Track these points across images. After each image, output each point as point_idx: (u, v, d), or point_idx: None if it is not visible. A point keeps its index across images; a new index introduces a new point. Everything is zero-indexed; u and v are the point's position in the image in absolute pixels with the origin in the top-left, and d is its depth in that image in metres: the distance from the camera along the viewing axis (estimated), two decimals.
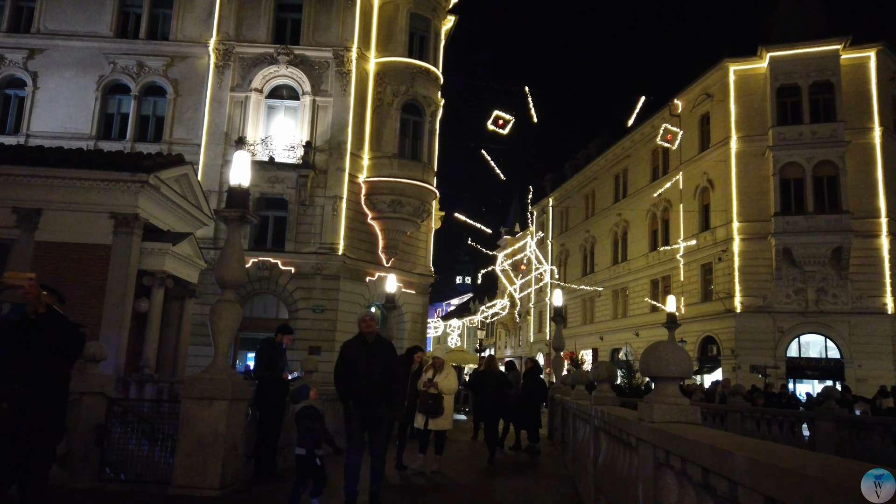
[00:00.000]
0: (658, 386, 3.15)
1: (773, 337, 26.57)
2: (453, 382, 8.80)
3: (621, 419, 3.73)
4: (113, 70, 23.71)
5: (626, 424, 3.57)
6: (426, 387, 8.57)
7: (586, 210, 43.31)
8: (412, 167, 24.16)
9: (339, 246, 22.89)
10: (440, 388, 8.53)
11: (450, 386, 8.67)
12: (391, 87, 24.23)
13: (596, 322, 40.55)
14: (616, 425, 4.00)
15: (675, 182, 31.92)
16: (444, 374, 8.71)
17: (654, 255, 34.09)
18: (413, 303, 25.69)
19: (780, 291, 26.64)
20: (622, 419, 3.70)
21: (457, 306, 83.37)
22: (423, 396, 8.58)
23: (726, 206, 28.17)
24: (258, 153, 22.72)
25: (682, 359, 3.07)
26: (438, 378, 8.62)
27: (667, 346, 3.09)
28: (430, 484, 8.24)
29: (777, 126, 27.14)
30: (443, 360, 9.00)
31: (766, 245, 26.80)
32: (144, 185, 12.53)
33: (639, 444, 3.31)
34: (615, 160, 39.23)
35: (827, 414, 10.67)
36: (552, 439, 13.99)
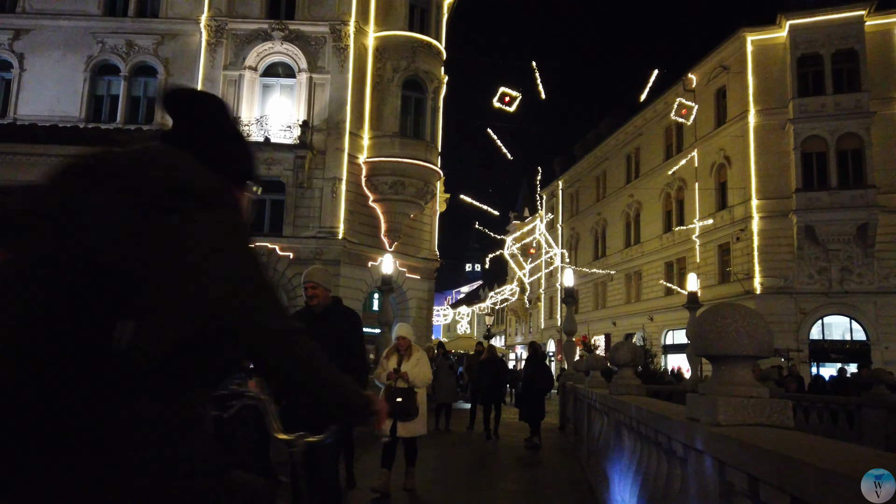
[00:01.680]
0: (721, 370, 2.14)
1: (794, 319, 25.40)
2: (426, 371, 6.53)
3: (661, 418, 2.72)
4: (101, 50, 22.74)
5: (671, 427, 2.55)
6: (391, 378, 6.36)
7: (597, 192, 42.08)
8: (414, 146, 23.09)
9: (338, 230, 21.91)
10: (411, 380, 6.34)
11: (422, 376, 6.45)
12: (391, 62, 23.12)
13: (608, 307, 39.44)
14: (651, 424, 3.01)
15: (689, 160, 30.66)
16: (414, 361, 6.43)
17: (668, 237, 32.89)
18: (418, 288, 24.70)
19: (802, 271, 25.43)
20: (662, 418, 2.69)
21: (466, 294, 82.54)
22: (388, 393, 6.29)
23: (744, 184, 26.93)
24: (253, 134, 21.74)
25: (757, 329, 2.05)
26: (406, 366, 6.37)
27: (735, 312, 2.07)
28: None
29: (798, 98, 25.81)
30: (409, 341, 6.57)
31: (787, 223, 25.57)
32: None
33: (690, 455, 2.30)
34: (627, 139, 37.95)
35: (876, 400, 9.53)
36: (564, 430, 13.01)
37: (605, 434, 5.49)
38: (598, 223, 41.32)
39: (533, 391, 11.03)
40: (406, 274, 24.05)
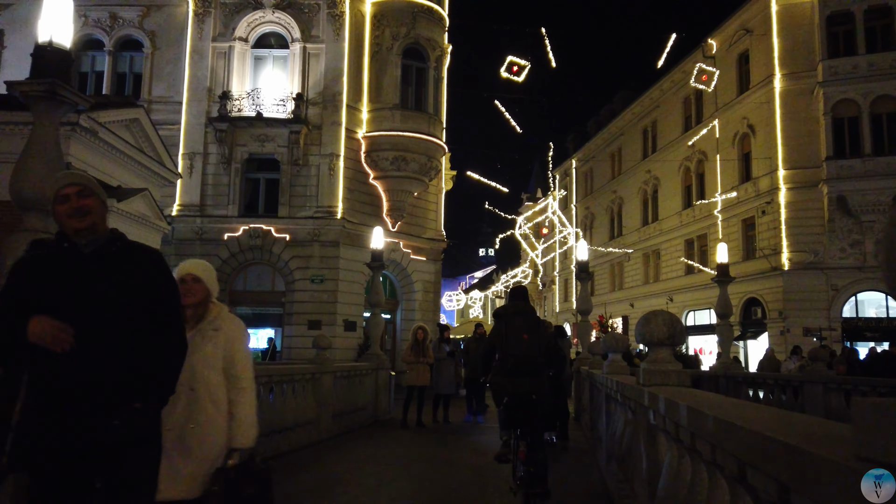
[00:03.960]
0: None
1: (826, 296, 23.79)
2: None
3: (783, 450, 1.34)
4: (84, 24, 21.46)
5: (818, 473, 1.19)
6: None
7: (612, 169, 40.43)
8: (416, 119, 21.68)
9: (337, 209, 20.63)
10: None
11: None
12: (390, 29, 21.67)
13: (626, 288, 37.93)
14: (718, 440, 1.69)
15: (710, 130, 28.94)
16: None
17: (688, 213, 31.27)
18: (424, 270, 23.39)
19: (834, 245, 23.76)
20: (790, 451, 1.30)
21: (480, 279, 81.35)
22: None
23: (770, 153, 25.24)
24: (245, 109, 20.47)
25: None
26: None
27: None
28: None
29: (827, 59, 24.03)
30: (205, 286, 3.21)
31: (817, 194, 23.91)
32: (75, 127, 10.30)
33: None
34: (643, 113, 36.22)
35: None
36: (579, 421, 11.67)
37: (629, 437, 4.16)
38: (614, 201, 39.72)
39: (555, 383, 9.37)
40: (411, 255, 22.75)
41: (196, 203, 20.39)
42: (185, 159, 20.48)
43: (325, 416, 9.36)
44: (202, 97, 20.79)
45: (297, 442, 8.31)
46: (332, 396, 9.72)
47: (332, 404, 9.71)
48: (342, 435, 9.89)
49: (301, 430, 8.50)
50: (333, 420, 9.77)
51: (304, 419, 8.62)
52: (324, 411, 9.31)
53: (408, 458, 8.38)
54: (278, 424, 7.72)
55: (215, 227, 20.26)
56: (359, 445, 9.25)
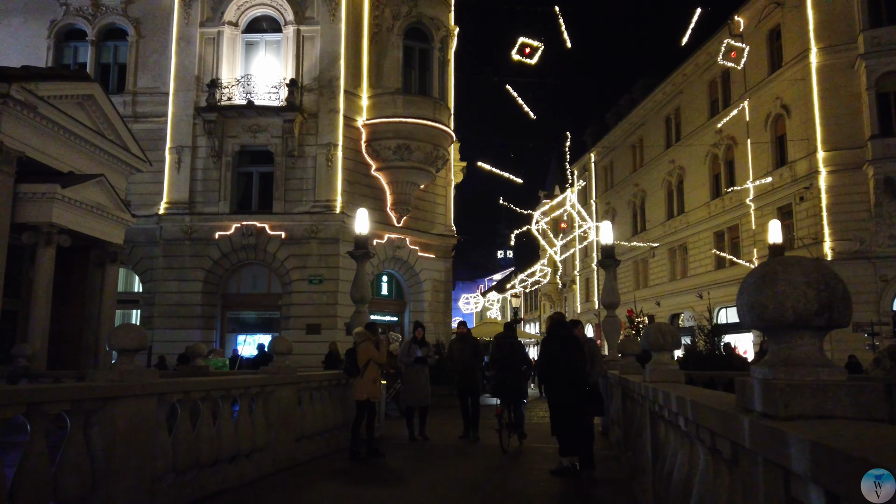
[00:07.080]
0: None
1: (874, 288, 21.68)
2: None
3: None
4: (66, 13, 20.24)
5: None
6: None
7: (633, 161, 38.46)
8: (421, 104, 20.05)
9: (336, 203, 19.05)
10: None
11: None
12: (390, 7, 20.09)
13: (651, 286, 35.88)
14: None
15: (739, 113, 26.94)
16: None
17: (717, 204, 29.24)
18: (433, 268, 21.70)
19: (882, 232, 21.67)
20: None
21: (499, 281, 79.65)
22: None
23: (808, 134, 23.21)
24: (235, 97, 19.00)
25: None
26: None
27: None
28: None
29: (869, 29, 21.99)
30: None
31: (862, 176, 21.86)
32: (6, 99, 8.77)
33: None
34: (665, 100, 34.25)
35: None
36: (607, 436, 9.88)
37: (705, 487, 2.44)
38: (636, 195, 37.75)
39: (574, 390, 7.29)
40: (418, 253, 21.10)
41: (185, 200, 18.94)
42: (172, 153, 19.06)
43: (283, 441, 7.48)
44: (190, 86, 19.37)
45: (238, 478, 6.50)
46: (293, 415, 7.85)
47: (295, 425, 7.85)
48: (308, 463, 7.91)
49: (245, 461, 6.71)
50: (298, 444, 7.89)
51: (250, 447, 6.78)
52: (281, 434, 7.44)
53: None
54: (206, 457, 5.92)
55: (206, 225, 18.79)
56: (321, 481, 7.15)
